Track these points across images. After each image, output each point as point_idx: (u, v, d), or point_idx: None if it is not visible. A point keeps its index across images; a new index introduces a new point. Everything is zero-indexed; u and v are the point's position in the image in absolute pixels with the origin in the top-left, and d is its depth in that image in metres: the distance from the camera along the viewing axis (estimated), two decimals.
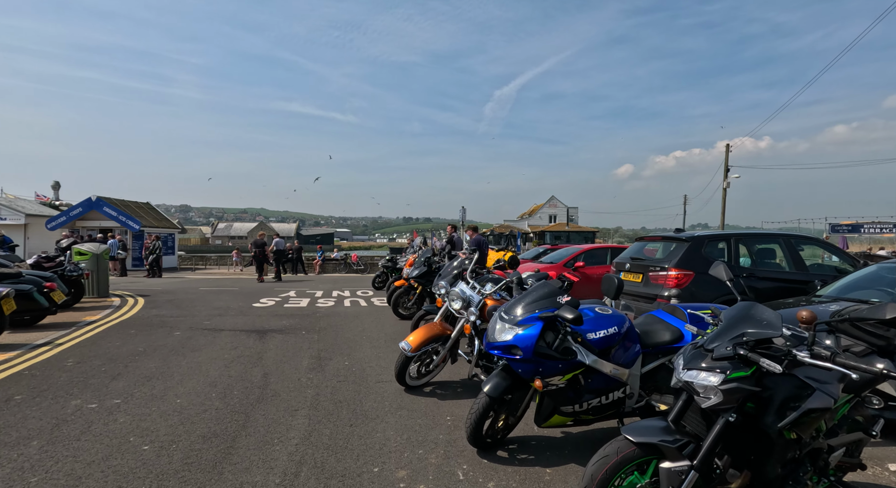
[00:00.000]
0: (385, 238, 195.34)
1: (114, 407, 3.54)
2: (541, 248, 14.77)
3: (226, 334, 6.37)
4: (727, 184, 23.73)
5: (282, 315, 8.19)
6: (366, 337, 6.48)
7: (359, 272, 22.42)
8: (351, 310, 9.00)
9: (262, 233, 17.18)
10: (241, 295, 11.26)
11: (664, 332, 3.07)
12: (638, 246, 7.17)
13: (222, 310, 8.48)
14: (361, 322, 7.68)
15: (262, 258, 15.84)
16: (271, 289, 12.75)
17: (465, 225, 10.84)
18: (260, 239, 16.41)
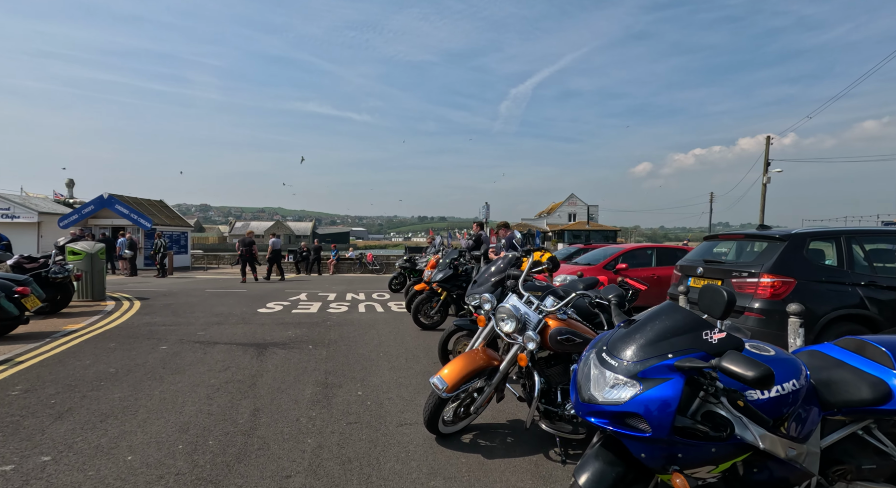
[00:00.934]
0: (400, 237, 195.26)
1: (35, 470, 2.56)
2: (572, 248, 13.55)
3: (219, 349, 5.42)
4: (767, 179, 22.06)
5: (288, 323, 7.23)
6: (383, 353, 5.45)
7: (374, 272, 21.51)
8: (366, 318, 8.00)
9: (249, 232, 16.40)
10: (248, 298, 10.38)
11: (857, 384, 1.94)
12: (707, 246, 5.97)
13: (222, 317, 7.57)
14: (378, 332, 6.66)
15: (248, 258, 15.07)
16: (281, 292, 11.87)
17: (488, 222, 9.67)
18: (248, 237, 15.63)
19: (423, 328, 6.96)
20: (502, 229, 6.84)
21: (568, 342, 2.86)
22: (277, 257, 16.16)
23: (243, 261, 14.97)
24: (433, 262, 8.22)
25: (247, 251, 15.05)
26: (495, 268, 4.32)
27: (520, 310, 2.96)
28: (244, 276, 14.95)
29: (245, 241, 15.32)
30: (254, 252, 15.37)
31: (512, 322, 2.92)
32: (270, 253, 15.81)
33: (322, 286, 13.83)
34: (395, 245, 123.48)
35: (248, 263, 15.03)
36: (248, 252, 15.11)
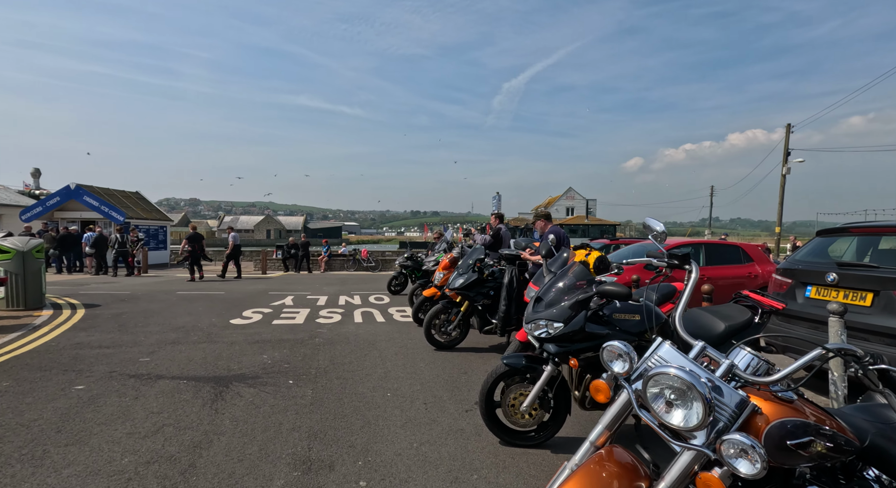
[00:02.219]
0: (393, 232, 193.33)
1: None
2: (595, 244, 12.07)
3: (161, 389, 3.86)
4: (787, 170, 20.77)
5: (265, 341, 5.67)
6: (391, 392, 3.93)
7: (370, 270, 19.93)
8: (364, 331, 6.46)
9: (193, 225, 14.77)
10: (223, 303, 8.78)
11: None
12: (821, 243, 4.50)
13: (182, 332, 5.99)
14: (381, 354, 5.14)
15: (198, 254, 13.70)
16: (263, 295, 10.27)
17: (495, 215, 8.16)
18: (193, 232, 14.14)
19: (439, 347, 5.45)
20: (541, 221, 5.30)
21: (807, 450, 1.35)
22: (237, 254, 14.76)
23: (192, 258, 13.62)
24: (445, 262, 6.70)
25: (199, 247, 13.76)
26: (567, 281, 2.81)
27: (699, 379, 1.43)
28: (192, 275, 13.57)
29: (192, 237, 13.83)
30: (204, 247, 14.13)
31: (688, 407, 1.39)
32: (231, 249, 14.49)
33: (312, 287, 12.24)
34: (388, 239, 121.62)
35: (196, 260, 13.67)
36: (201, 248, 13.85)
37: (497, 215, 8.21)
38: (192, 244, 13.73)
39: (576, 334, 2.61)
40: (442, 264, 6.76)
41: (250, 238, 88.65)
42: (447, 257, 6.81)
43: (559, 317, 2.62)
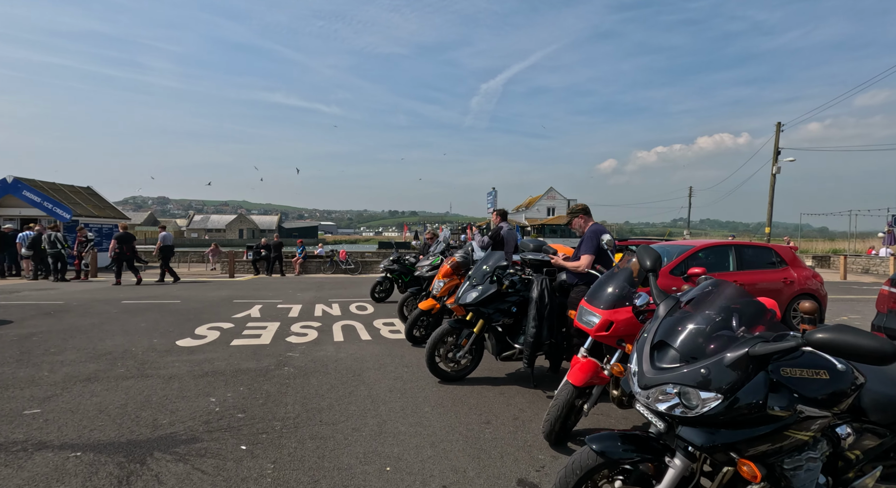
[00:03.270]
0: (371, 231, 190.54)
1: None
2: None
3: (34, 471, 2.52)
4: (777, 169, 20.44)
5: (216, 374, 4.34)
6: (391, 461, 2.70)
7: (349, 272, 18.51)
8: (346, 355, 5.18)
9: (123, 224, 13.22)
10: (174, 316, 7.33)
11: None
12: None
13: (107, 362, 4.59)
14: (370, 394, 3.89)
15: (128, 256, 12.30)
16: (227, 304, 8.82)
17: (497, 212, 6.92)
18: (123, 231, 12.64)
19: (444, 378, 4.24)
20: (580, 217, 4.10)
21: None
22: (168, 255, 13.26)
23: (118, 261, 12.16)
24: (447, 269, 5.50)
25: (128, 248, 12.28)
26: (717, 315, 1.66)
27: None
28: (118, 279, 12.21)
29: (121, 237, 12.30)
30: (135, 248, 12.63)
31: None
32: (158, 249, 13.07)
33: (284, 293, 10.82)
34: (366, 240, 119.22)
35: (123, 262, 12.24)
36: (131, 249, 12.37)
37: (499, 212, 7.04)
38: (122, 245, 12.19)
39: (750, 412, 1.45)
40: (442, 271, 5.55)
41: (222, 237, 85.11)
42: (448, 262, 5.60)
43: (717, 382, 1.46)
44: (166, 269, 13.25)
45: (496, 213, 6.85)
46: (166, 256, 13.23)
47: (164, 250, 13.16)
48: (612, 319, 2.79)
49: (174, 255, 13.62)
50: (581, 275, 3.73)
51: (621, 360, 2.91)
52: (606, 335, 2.81)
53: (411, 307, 7.02)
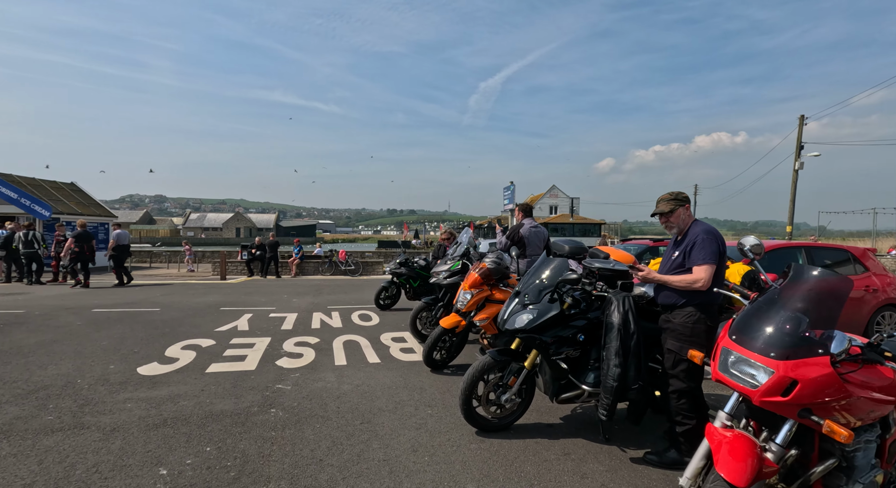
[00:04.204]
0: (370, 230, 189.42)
1: None
2: (632, 245, 9.98)
3: None
4: (800, 165, 19.41)
5: (178, 421, 3.26)
6: None
7: (349, 273, 17.43)
8: (350, 386, 4.10)
9: (82, 222, 12.11)
10: (146, 329, 6.24)
11: None
12: None
13: (38, 401, 3.50)
14: (386, 455, 2.80)
15: (88, 256, 11.30)
16: (213, 312, 7.73)
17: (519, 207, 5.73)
18: (81, 229, 11.59)
19: (484, 428, 3.17)
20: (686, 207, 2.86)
21: None
22: (122, 255, 12.12)
23: (76, 261, 11.22)
24: (475, 278, 4.42)
25: (87, 248, 11.26)
26: None
27: None
28: (75, 277, 11.34)
29: (79, 235, 11.25)
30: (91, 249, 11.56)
31: None
32: (111, 250, 11.98)
33: (278, 298, 9.73)
34: (364, 238, 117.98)
35: (80, 263, 11.23)
36: (90, 249, 11.35)
37: (521, 207, 5.90)
38: (81, 244, 11.15)
39: None
40: (469, 280, 4.47)
41: (218, 236, 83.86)
42: (476, 269, 4.52)
43: None
44: (120, 271, 12.11)
45: (518, 209, 5.74)
46: (119, 257, 12.08)
47: (117, 250, 12.03)
48: (794, 377, 1.72)
49: (130, 256, 12.43)
50: (692, 294, 2.65)
51: (797, 442, 1.85)
52: (783, 401, 1.74)
53: (426, 321, 5.95)
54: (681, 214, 2.78)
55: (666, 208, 2.77)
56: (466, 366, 4.73)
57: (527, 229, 5.41)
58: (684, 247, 2.69)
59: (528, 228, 5.42)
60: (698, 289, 2.59)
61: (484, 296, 4.45)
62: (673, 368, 2.70)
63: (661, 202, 2.83)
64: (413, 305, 8.81)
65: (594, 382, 2.95)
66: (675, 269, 2.72)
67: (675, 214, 2.76)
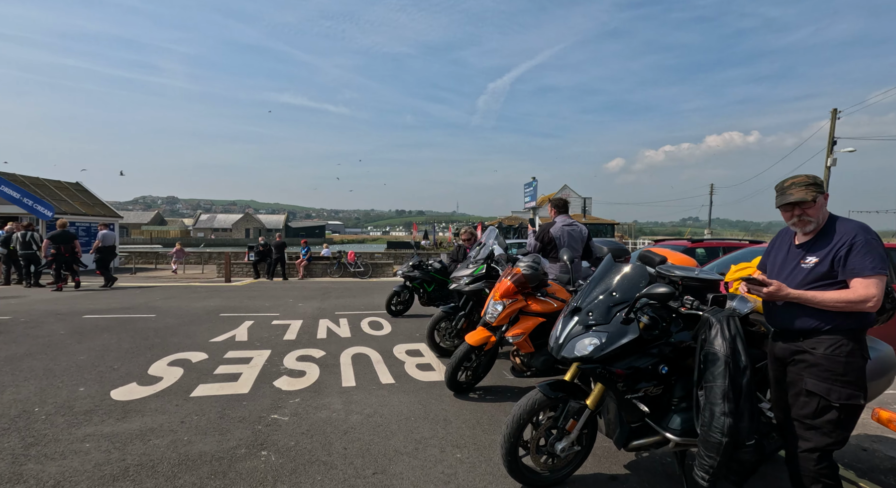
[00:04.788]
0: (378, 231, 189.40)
1: None
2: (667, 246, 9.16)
3: None
4: (833, 162, 18.37)
5: (140, 470, 2.59)
6: None
7: (358, 275, 16.81)
8: (360, 417, 3.39)
9: (63, 222, 11.57)
10: (135, 339, 5.62)
11: None
12: None
13: None
14: None
15: (66, 257, 10.73)
16: (212, 318, 7.11)
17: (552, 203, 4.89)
18: (60, 230, 11.00)
19: (534, 483, 2.45)
20: (825, 197, 2.12)
21: None
22: (107, 256, 11.58)
23: (57, 263, 10.65)
24: (508, 286, 3.70)
25: (66, 249, 10.67)
26: None
27: None
28: (57, 282, 10.67)
29: (56, 236, 10.69)
30: (76, 250, 11.01)
31: None
32: (95, 250, 11.49)
33: (283, 302, 9.10)
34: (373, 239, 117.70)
35: (62, 265, 10.69)
36: (69, 250, 10.75)
37: (554, 203, 5.13)
38: (58, 245, 10.58)
39: None
40: (501, 288, 3.75)
41: (228, 237, 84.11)
42: (509, 276, 3.80)
43: None
44: (104, 272, 11.59)
45: (551, 205, 5.00)
46: (104, 258, 11.55)
47: (101, 251, 11.50)
48: None
49: (115, 257, 11.91)
50: (844, 317, 1.90)
51: None
52: None
53: (444, 332, 5.25)
54: (822, 205, 2.02)
55: (808, 196, 1.99)
56: (495, 390, 4.02)
57: (558, 228, 4.69)
58: (830, 252, 1.93)
59: (559, 227, 4.70)
60: (865, 311, 1.84)
61: (518, 308, 3.73)
62: (815, 417, 1.95)
63: (794, 187, 2.03)
64: (427, 312, 8.12)
65: (681, 429, 2.22)
66: (817, 282, 1.97)
67: (817, 205, 1.99)
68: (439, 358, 5.15)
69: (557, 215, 4.89)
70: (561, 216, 4.85)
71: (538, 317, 3.72)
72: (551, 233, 4.65)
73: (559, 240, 4.63)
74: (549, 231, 4.67)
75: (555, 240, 4.62)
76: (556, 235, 4.63)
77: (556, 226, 4.70)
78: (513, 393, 3.99)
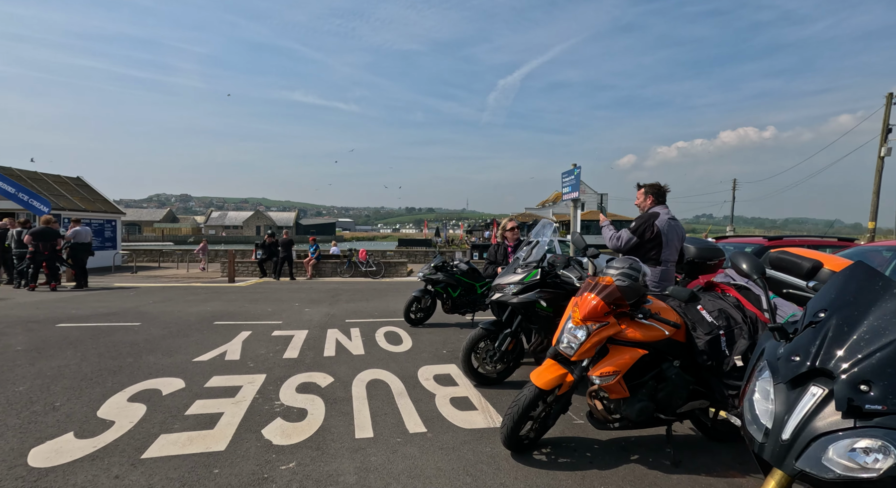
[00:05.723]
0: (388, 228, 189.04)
1: None
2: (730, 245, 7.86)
3: None
4: (888, 151, 16.79)
5: None
6: None
7: (370, 275, 15.76)
8: None
9: (48, 218, 10.79)
10: (104, 359, 4.59)
11: None
12: None
13: None
14: None
15: (46, 255, 9.96)
16: (206, 326, 6.07)
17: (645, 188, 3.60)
18: (43, 225, 10.25)
19: None
20: None
21: None
22: (81, 255, 10.71)
23: (36, 263, 9.96)
24: (597, 303, 2.55)
25: (45, 247, 9.89)
26: None
27: None
28: (32, 282, 10.01)
29: (38, 232, 9.87)
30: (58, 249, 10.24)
31: None
32: (70, 248, 10.61)
33: (288, 306, 8.05)
34: (384, 237, 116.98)
35: (36, 264, 9.97)
36: (49, 248, 9.96)
37: (649, 189, 3.92)
38: (37, 242, 9.77)
39: None
40: (585, 307, 2.58)
41: (239, 234, 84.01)
42: (597, 290, 2.63)
43: None
44: (77, 272, 10.73)
45: (646, 191, 3.83)
46: (78, 256, 10.66)
47: (75, 249, 10.59)
48: None
49: (92, 256, 10.99)
50: None
51: None
52: None
53: (485, 355, 4.11)
54: None
55: None
56: (565, 447, 2.78)
57: (664, 221, 3.54)
58: None
59: (665, 220, 3.55)
60: None
61: (608, 335, 2.58)
62: None
63: None
64: (452, 320, 6.97)
65: None
66: None
67: None
68: (478, 387, 4.03)
69: (655, 204, 3.75)
70: (661, 206, 3.71)
71: (637, 348, 2.57)
72: (657, 226, 3.51)
73: (666, 237, 3.48)
74: (656, 224, 3.53)
75: (662, 236, 3.48)
76: (663, 230, 3.50)
77: (661, 219, 3.55)
78: (595, 454, 2.83)
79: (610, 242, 3.84)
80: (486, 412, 3.46)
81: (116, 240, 17.99)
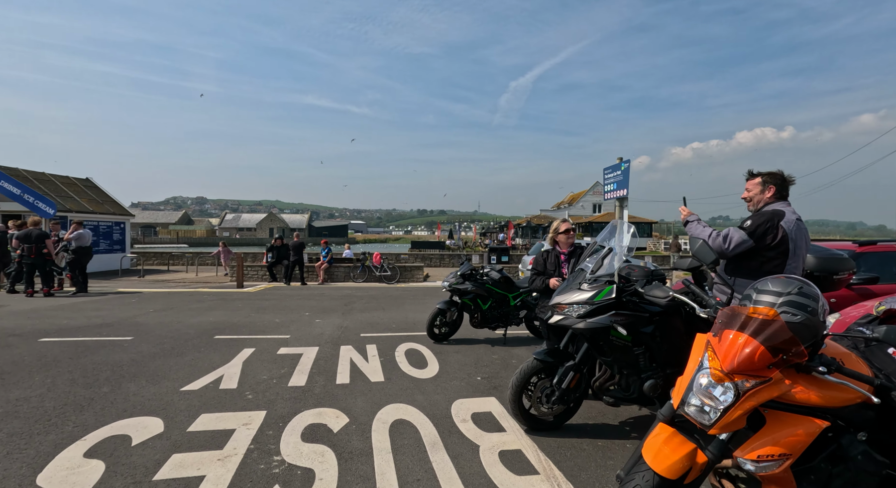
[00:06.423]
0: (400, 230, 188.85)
1: None
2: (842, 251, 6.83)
3: None
4: None
5: None
6: None
7: (385, 280, 14.96)
8: None
9: (35, 219, 10.31)
10: (75, 388, 3.83)
11: None
12: None
13: None
14: None
15: (33, 258, 9.40)
16: (205, 341, 5.30)
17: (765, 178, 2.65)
18: (34, 228, 9.76)
19: None
20: None
21: None
22: (82, 259, 10.11)
23: (28, 266, 9.43)
24: (756, 347, 1.67)
25: (35, 248, 9.35)
26: None
27: None
28: (29, 287, 9.45)
29: (25, 235, 9.38)
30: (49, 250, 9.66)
31: None
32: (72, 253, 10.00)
33: (298, 316, 7.27)
34: (395, 239, 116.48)
35: (40, 268, 9.50)
36: (37, 250, 9.40)
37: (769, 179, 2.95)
38: (23, 245, 9.27)
39: None
40: (732, 352, 1.69)
41: (252, 236, 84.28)
42: (743, 329, 1.75)
43: None
44: (79, 277, 10.13)
45: (761, 180, 2.91)
46: (78, 260, 10.05)
47: (76, 253, 9.98)
48: None
49: (90, 259, 10.35)
50: None
51: None
52: None
53: (539, 392, 3.22)
54: None
55: None
56: None
57: (791, 222, 2.63)
58: None
59: (793, 221, 2.64)
60: None
61: (768, 399, 1.68)
62: None
63: None
64: (481, 336, 6.11)
65: None
66: None
67: None
68: (530, 434, 3.16)
69: (776, 200, 2.83)
70: (783, 203, 2.80)
71: (814, 419, 1.67)
72: (783, 228, 2.60)
73: (794, 243, 2.58)
74: (781, 225, 2.62)
75: (789, 242, 2.57)
76: (792, 235, 2.59)
77: (787, 219, 2.64)
78: None
79: (711, 242, 2.88)
80: (551, 477, 2.59)
81: (125, 242, 17.53)
